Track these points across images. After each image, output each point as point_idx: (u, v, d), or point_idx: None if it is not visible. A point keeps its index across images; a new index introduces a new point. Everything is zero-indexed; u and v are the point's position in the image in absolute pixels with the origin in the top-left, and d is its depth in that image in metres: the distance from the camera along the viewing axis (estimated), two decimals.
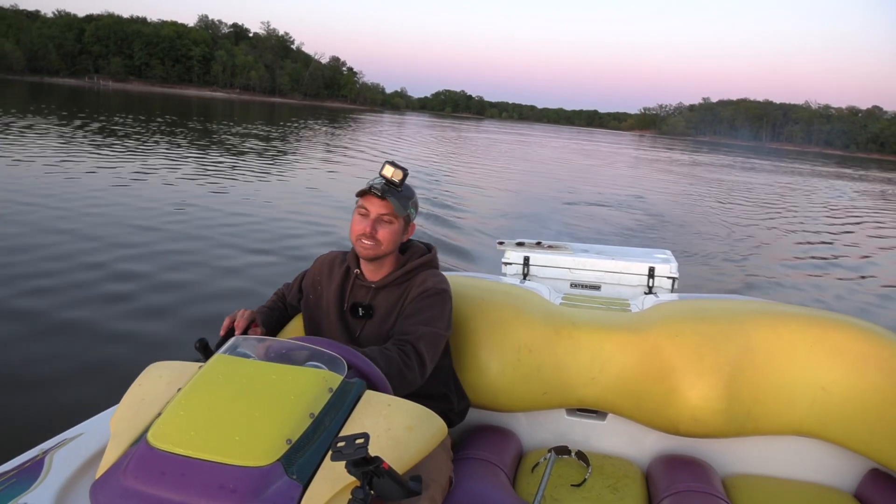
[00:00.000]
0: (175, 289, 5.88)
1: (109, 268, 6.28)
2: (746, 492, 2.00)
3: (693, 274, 8.16)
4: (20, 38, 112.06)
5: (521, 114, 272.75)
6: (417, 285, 1.82)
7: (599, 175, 24.49)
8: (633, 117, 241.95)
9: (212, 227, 8.57)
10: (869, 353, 1.93)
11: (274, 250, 7.67)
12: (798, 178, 33.31)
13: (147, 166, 13.76)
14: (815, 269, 9.58)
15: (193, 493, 1.08)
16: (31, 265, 6.07)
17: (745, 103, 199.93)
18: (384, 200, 1.75)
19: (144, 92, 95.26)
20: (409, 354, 1.66)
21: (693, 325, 2.07)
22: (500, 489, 1.81)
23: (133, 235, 7.64)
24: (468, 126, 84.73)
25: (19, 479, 1.31)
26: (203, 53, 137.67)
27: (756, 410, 1.98)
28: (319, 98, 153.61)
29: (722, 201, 17.89)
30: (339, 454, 1.00)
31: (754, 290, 7.86)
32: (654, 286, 3.37)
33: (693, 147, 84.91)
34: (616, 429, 2.23)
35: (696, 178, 26.44)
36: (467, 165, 22.53)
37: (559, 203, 14.39)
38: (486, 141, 46.05)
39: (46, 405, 3.67)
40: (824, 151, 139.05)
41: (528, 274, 3.52)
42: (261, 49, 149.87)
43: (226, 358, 1.37)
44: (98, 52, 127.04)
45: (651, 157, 46.58)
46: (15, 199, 8.91)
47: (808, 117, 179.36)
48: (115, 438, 1.30)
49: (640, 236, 10.80)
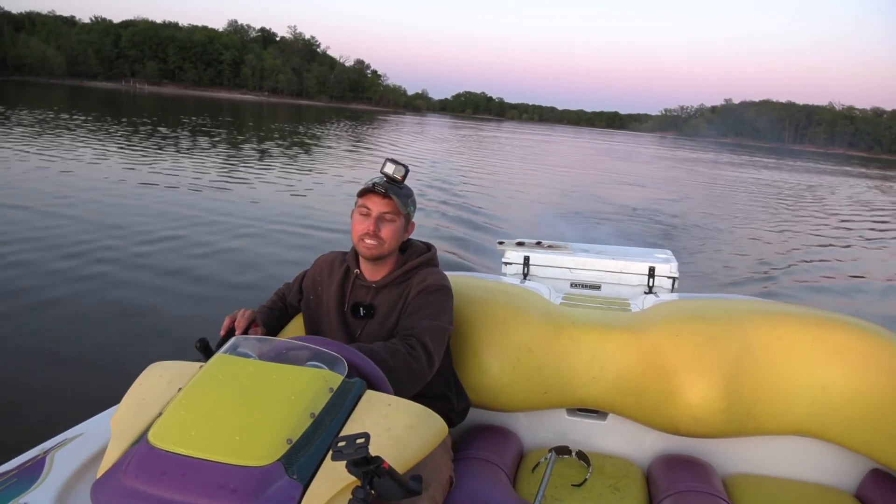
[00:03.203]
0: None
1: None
2: (747, 492, 1.99)
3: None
4: (60, 43, 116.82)
5: (541, 115, 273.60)
6: (418, 283, 1.82)
7: (634, 176, 24.15)
8: (654, 119, 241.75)
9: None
10: (869, 353, 1.93)
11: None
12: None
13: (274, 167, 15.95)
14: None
15: (194, 492, 1.09)
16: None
17: (768, 105, 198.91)
18: (387, 198, 1.74)
19: (178, 95, 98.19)
20: (415, 347, 1.65)
21: (693, 324, 2.07)
22: (501, 489, 1.80)
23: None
24: (489, 127, 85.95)
25: (20, 479, 1.31)
26: (233, 57, 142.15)
27: (756, 410, 1.97)
28: (345, 100, 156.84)
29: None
30: (340, 454, 1.01)
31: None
32: (654, 286, 3.40)
33: (715, 148, 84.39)
34: (616, 428, 2.23)
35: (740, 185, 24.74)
36: (507, 167, 23.56)
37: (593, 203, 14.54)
38: (516, 141, 47.50)
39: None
40: (847, 153, 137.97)
41: (529, 274, 3.55)
42: (288, 53, 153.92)
43: (226, 358, 1.37)
44: (134, 57, 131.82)
45: (678, 156, 47.21)
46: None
47: (831, 118, 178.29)
48: (115, 438, 1.29)
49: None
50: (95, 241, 7.32)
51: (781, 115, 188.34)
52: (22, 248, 6.73)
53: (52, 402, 3.70)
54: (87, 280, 5.96)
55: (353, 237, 1.80)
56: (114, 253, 6.95)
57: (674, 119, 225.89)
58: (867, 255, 11.41)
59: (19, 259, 6.37)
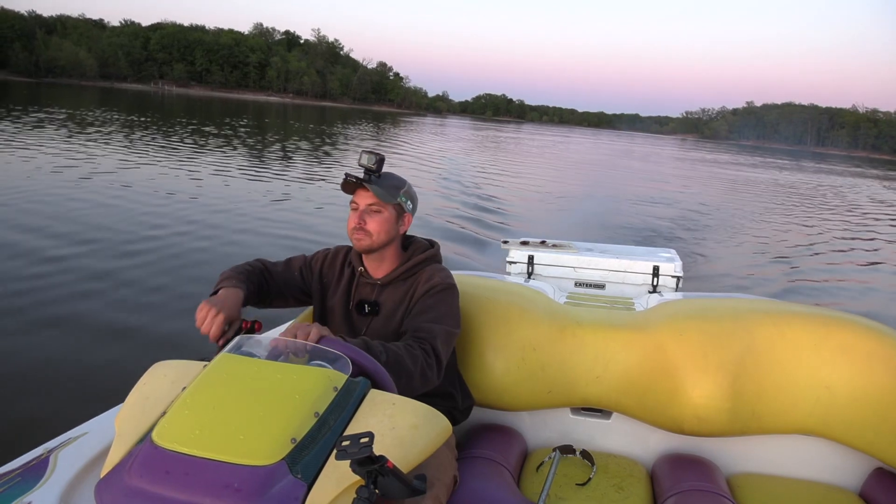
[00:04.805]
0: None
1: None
2: (751, 491, 1.99)
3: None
4: (91, 46, 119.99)
5: (561, 117, 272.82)
6: (424, 281, 1.82)
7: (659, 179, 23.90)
8: (675, 121, 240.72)
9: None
10: (874, 352, 1.92)
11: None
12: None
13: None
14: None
15: (198, 492, 1.09)
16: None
17: (790, 107, 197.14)
18: (367, 190, 1.75)
19: (205, 96, 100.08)
20: (430, 353, 1.66)
21: (697, 323, 2.07)
22: (505, 488, 1.81)
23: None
24: (509, 129, 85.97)
25: (24, 478, 1.32)
26: (259, 60, 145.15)
27: (760, 409, 1.97)
28: (367, 102, 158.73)
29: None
30: (344, 453, 1.01)
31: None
32: (658, 285, 3.40)
33: (736, 150, 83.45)
34: (620, 428, 2.23)
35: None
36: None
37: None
38: (535, 142, 48.18)
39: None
40: (871, 156, 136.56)
41: (533, 273, 3.55)
42: (312, 55, 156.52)
43: (230, 357, 1.37)
44: (162, 59, 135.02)
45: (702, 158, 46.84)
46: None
47: (854, 121, 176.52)
48: (119, 437, 1.30)
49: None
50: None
51: (804, 117, 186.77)
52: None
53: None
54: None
55: (348, 232, 1.82)
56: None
57: (695, 121, 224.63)
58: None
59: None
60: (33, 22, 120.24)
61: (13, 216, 8.00)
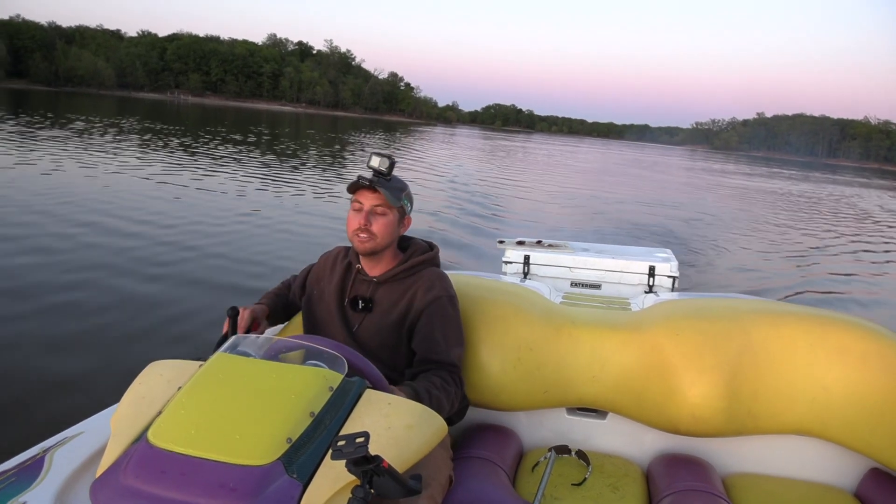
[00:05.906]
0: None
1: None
2: (747, 491, 1.99)
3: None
4: (109, 56, 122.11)
5: (570, 128, 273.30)
6: (425, 289, 1.83)
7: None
8: (685, 132, 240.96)
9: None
10: (870, 353, 1.92)
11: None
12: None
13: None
14: None
15: (194, 491, 1.09)
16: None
17: (801, 118, 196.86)
18: (376, 192, 1.75)
19: (220, 105, 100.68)
20: (459, 384, 1.77)
21: (693, 323, 2.06)
22: (501, 488, 1.80)
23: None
24: (518, 139, 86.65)
25: (19, 478, 1.31)
26: (273, 70, 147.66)
27: (756, 409, 1.97)
28: (379, 112, 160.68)
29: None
30: (340, 453, 1.01)
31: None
32: (654, 285, 3.39)
33: (748, 161, 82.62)
34: (616, 428, 2.23)
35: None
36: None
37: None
38: (543, 151, 48.66)
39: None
40: (883, 168, 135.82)
41: (529, 273, 3.53)
42: (325, 66, 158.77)
43: (226, 356, 1.37)
44: (178, 69, 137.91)
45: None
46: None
47: (866, 133, 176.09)
48: (115, 437, 1.29)
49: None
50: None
51: (815, 128, 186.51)
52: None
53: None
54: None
55: (348, 233, 1.81)
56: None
57: (705, 132, 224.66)
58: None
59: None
60: (53, 33, 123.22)
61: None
